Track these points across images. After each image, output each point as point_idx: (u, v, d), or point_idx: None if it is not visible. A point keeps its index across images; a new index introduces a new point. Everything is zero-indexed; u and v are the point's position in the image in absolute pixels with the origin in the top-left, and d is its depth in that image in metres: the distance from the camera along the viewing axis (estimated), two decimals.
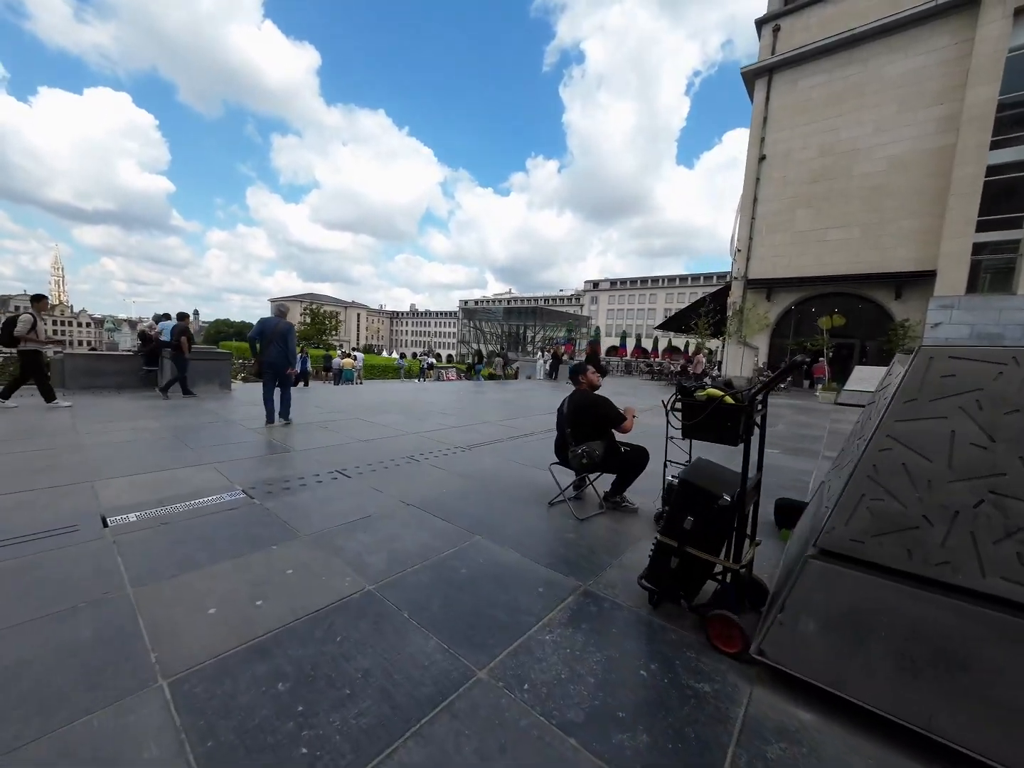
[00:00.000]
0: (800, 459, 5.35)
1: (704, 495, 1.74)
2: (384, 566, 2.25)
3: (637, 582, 2.03)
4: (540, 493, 3.57)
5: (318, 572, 2.17)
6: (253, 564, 2.21)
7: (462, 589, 2.08)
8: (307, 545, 2.45)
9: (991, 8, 14.20)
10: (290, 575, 2.13)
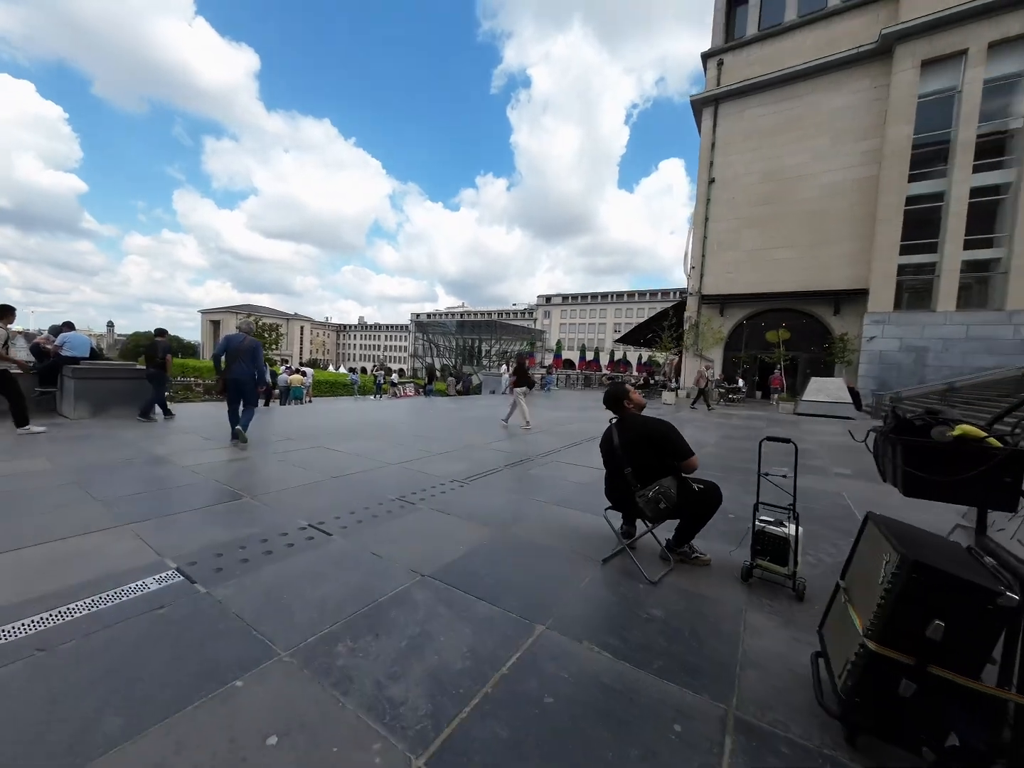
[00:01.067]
0: (830, 479, 5.06)
1: (970, 589, 1.15)
2: (428, 706, 1.44)
3: (817, 702, 1.40)
4: (582, 542, 2.87)
5: (320, 737, 1.32)
6: (202, 731, 1.31)
7: (562, 740, 1.32)
8: (291, 674, 1.57)
9: (902, 59, 15.90)
10: (273, 749, 1.26)
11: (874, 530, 1.49)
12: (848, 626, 1.41)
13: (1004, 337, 14.46)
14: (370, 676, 1.56)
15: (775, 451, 3.50)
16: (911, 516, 1.97)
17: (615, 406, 2.74)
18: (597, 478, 4.61)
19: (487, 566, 2.47)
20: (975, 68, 14.82)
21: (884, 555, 1.34)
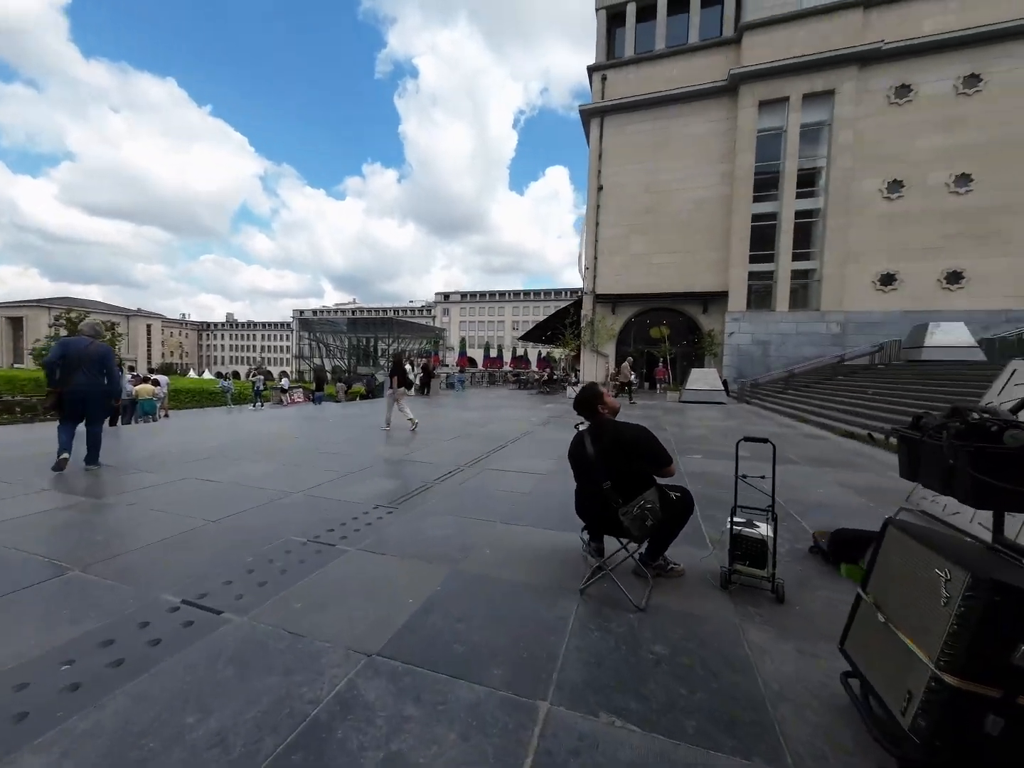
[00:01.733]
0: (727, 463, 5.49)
1: None
2: None
3: (873, 739, 1.25)
4: (548, 568, 2.54)
5: None
6: None
7: None
8: None
9: (745, 96, 18.76)
10: None
11: (908, 540, 1.40)
12: (900, 652, 1.28)
13: (820, 332, 18.09)
14: None
15: (719, 439, 3.59)
16: (812, 496, 2.10)
17: (588, 411, 2.45)
18: (538, 485, 4.34)
19: (451, 624, 1.98)
20: (795, 113, 18.18)
21: (938, 571, 1.23)
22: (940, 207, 16.80)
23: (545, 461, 5.38)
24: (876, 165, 17.38)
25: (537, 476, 4.69)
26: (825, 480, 4.76)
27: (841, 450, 6.67)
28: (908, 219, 17.11)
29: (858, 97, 17.38)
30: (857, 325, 17.52)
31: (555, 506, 3.66)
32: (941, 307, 16.58)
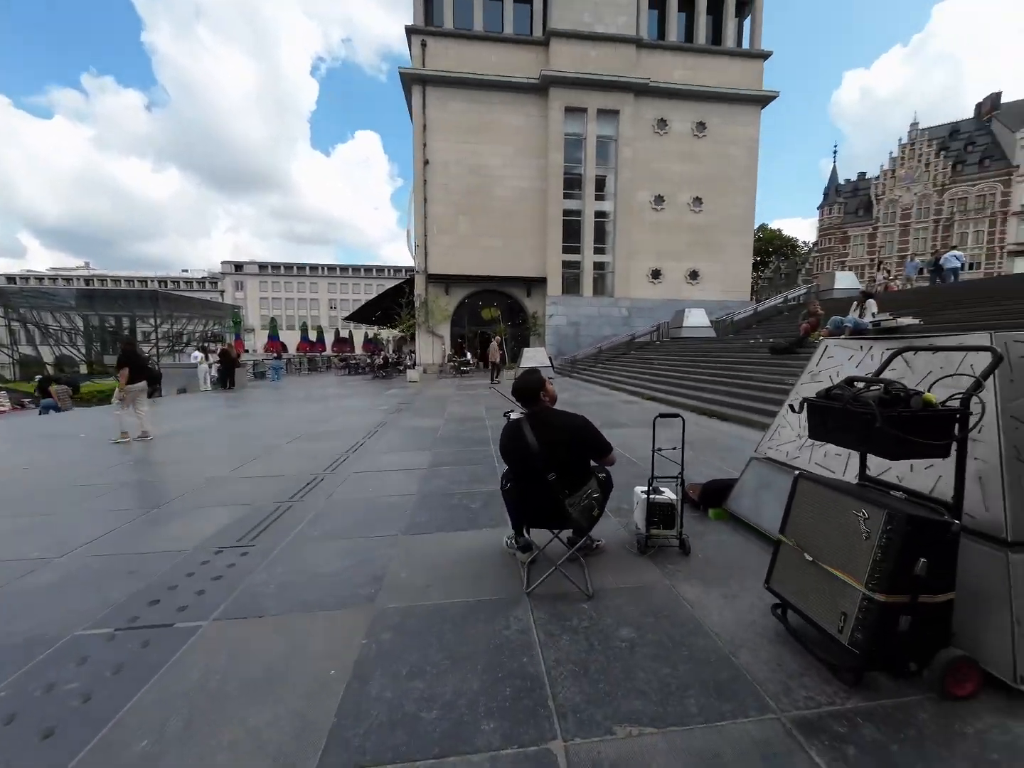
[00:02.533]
0: None
1: (936, 526, 1.42)
2: None
3: (816, 658, 1.51)
4: (480, 577, 2.30)
5: None
6: None
7: None
8: None
9: (554, 99, 20.68)
10: None
11: (820, 489, 1.71)
12: (831, 583, 1.57)
13: (615, 315, 21.99)
14: None
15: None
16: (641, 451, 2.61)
17: (532, 399, 2.25)
18: (424, 482, 3.96)
19: (404, 688, 1.56)
20: (592, 124, 21.04)
21: (855, 512, 1.54)
22: (685, 221, 22.23)
23: (420, 454, 4.97)
24: (647, 181, 21.72)
25: (419, 472, 4.28)
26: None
27: (652, 412, 8.25)
28: (667, 228, 22.09)
29: (634, 121, 21.22)
30: (639, 310, 21.94)
31: (455, 503, 3.40)
32: (686, 297, 22.17)
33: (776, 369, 8.30)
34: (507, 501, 2.47)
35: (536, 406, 2.28)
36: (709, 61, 21.60)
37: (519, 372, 15.26)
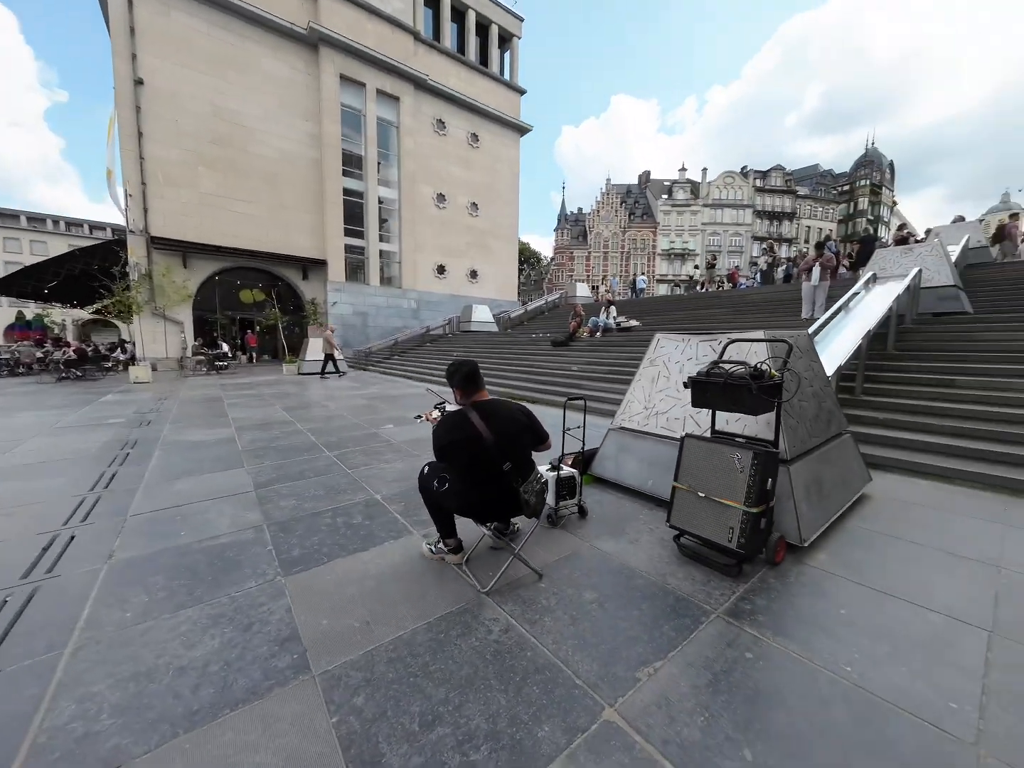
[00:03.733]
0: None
1: (775, 457, 2.16)
2: None
3: (716, 562, 2.11)
4: (417, 593, 2.06)
5: None
6: None
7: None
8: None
9: (326, 61, 18.54)
10: None
11: (703, 444, 2.33)
12: (719, 509, 2.19)
13: (404, 306, 21.79)
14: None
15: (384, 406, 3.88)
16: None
17: (474, 386, 2.10)
18: (262, 508, 3.09)
19: (445, 739, 1.30)
20: (372, 103, 19.90)
21: (730, 456, 2.19)
22: (464, 222, 23.93)
23: (231, 475, 3.81)
24: (430, 176, 22.22)
25: (248, 496, 3.30)
26: None
27: None
28: (450, 226, 23.26)
29: (415, 114, 21.26)
30: (427, 303, 22.42)
31: (329, 522, 2.84)
32: (468, 294, 24.06)
33: (558, 358, 10.12)
34: (437, 502, 2.27)
35: (480, 396, 2.18)
36: (480, 80, 23.66)
37: (303, 365, 13.36)
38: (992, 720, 1.37)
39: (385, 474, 3.88)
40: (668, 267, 56.44)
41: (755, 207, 55.34)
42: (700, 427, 2.86)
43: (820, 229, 56.59)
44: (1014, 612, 1.89)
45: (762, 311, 10.42)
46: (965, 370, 4.87)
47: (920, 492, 3.32)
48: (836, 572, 2.22)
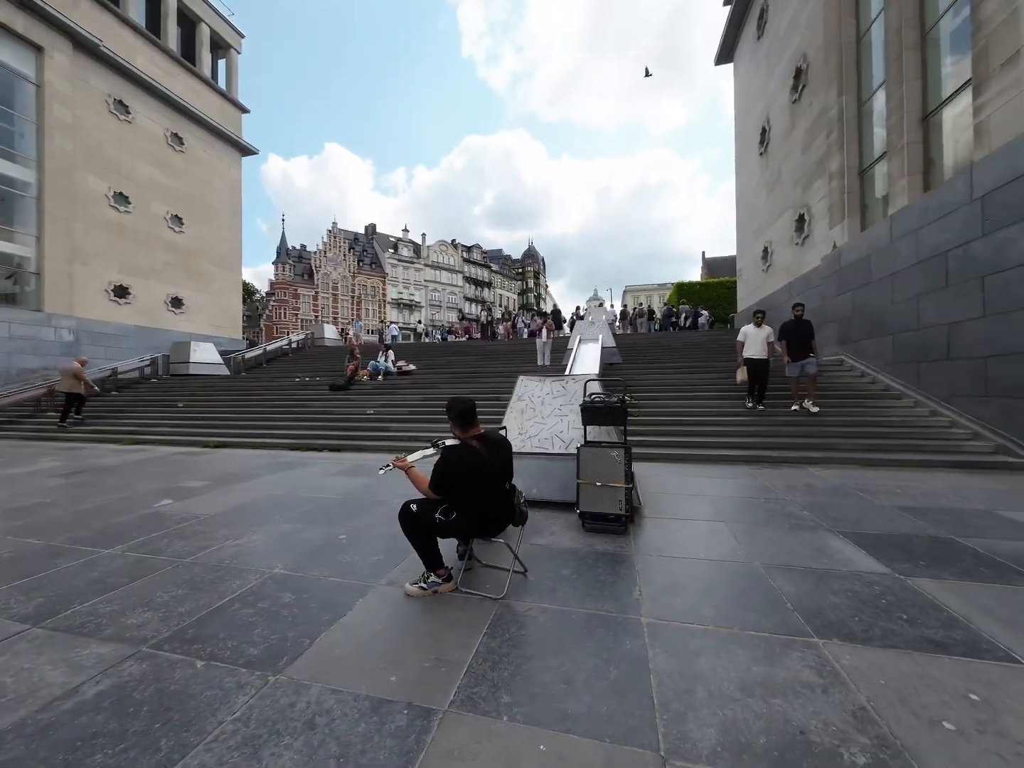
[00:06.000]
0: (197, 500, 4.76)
1: (630, 451, 3.48)
2: None
3: (607, 528, 3.23)
4: (446, 628, 2.20)
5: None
6: None
7: None
8: None
9: None
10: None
11: (593, 450, 3.44)
12: (610, 492, 3.32)
13: (49, 339, 14.67)
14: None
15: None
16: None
17: (473, 422, 2.42)
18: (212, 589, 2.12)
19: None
20: None
21: (612, 454, 3.39)
22: (163, 236, 18.66)
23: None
24: (102, 168, 16.39)
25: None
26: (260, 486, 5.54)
27: (256, 462, 7.12)
28: (137, 237, 17.59)
29: (75, 81, 15.51)
30: (96, 335, 15.82)
31: (251, 612, 2.33)
32: (169, 327, 18.60)
33: (344, 403, 9.67)
34: (436, 534, 2.41)
35: (477, 430, 2.52)
36: (185, 76, 19.67)
37: None
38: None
39: (253, 548, 3.15)
40: (398, 315, 60.18)
41: (464, 273, 67.26)
42: (564, 443, 4.01)
43: (509, 297, 74.28)
44: (715, 507, 3.85)
45: (507, 359, 13.32)
46: (640, 396, 8.24)
47: (652, 468, 5.60)
48: (651, 515, 3.74)
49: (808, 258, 10.85)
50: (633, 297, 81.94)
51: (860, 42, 8.88)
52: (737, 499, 4.41)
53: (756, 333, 7.10)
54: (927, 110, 7.12)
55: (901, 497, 4.26)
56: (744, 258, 16.35)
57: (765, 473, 5.33)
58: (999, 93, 5.46)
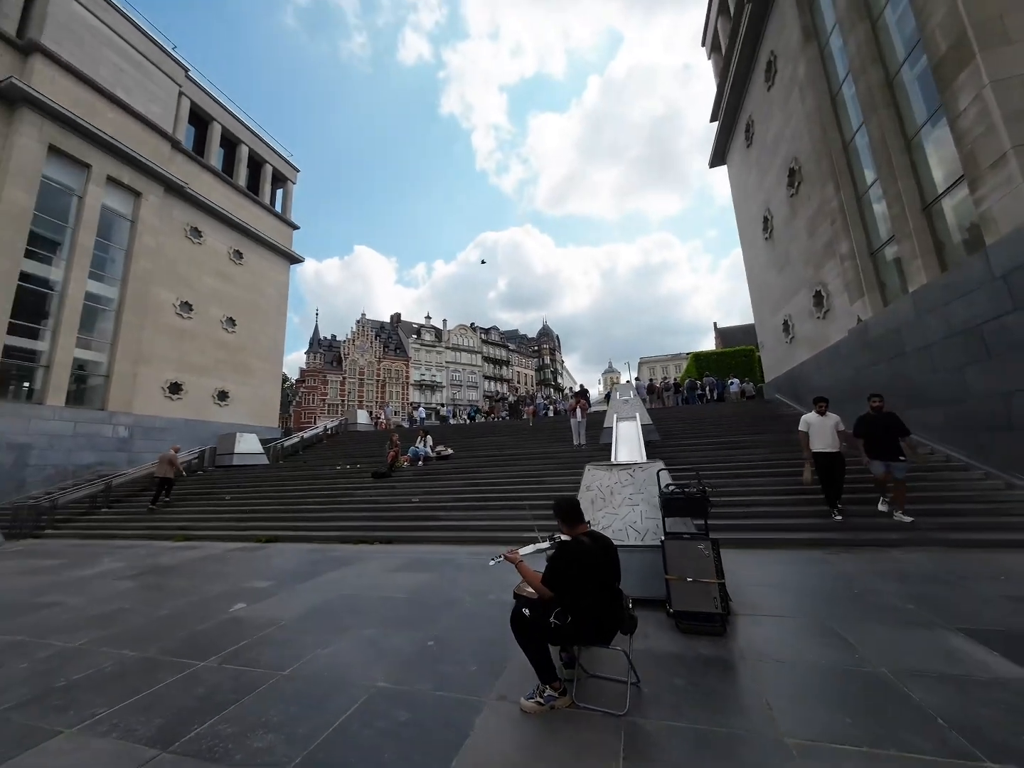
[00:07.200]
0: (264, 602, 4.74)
1: (716, 543, 3.46)
2: None
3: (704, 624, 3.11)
4: (579, 750, 2.12)
5: None
6: None
7: None
8: None
9: (29, 125, 14.59)
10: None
11: (679, 543, 3.43)
12: (702, 587, 3.25)
13: (106, 435, 15.58)
14: None
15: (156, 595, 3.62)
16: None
17: (580, 518, 2.53)
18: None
19: None
20: (98, 188, 16.14)
21: (699, 547, 3.37)
22: (216, 337, 20.47)
23: (67, 742, 2.22)
24: (172, 281, 18.64)
25: None
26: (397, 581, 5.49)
27: (312, 557, 7.11)
28: (195, 339, 19.36)
29: (162, 215, 18.34)
30: (147, 430, 16.78)
31: (369, 733, 2.29)
32: (213, 419, 19.60)
33: (388, 491, 9.75)
34: (550, 640, 2.40)
35: (585, 525, 2.62)
36: (249, 205, 23.04)
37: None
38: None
39: (346, 660, 3.12)
40: (420, 395, 61.85)
41: (483, 353, 70.03)
42: (639, 534, 4.00)
43: (526, 373, 76.17)
44: (805, 600, 3.65)
45: (537, 439, 13.42)
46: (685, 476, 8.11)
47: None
48: (741, 611, 3.57)
49: (831, 331, 11.18)
50: (649, 368, 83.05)
51: (848, 147, 10.07)
52: (825, 590, 4.17)
53: (822, 423, 6.08)
54: (926, 202, 7.82)
55: (1006, 584, 3.97)
56: (764, 330, 16.84)
57: (843, 558, 5.06)
58: (994, 188, 6.06)
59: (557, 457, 10.57)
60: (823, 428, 6.06)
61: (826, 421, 6.10)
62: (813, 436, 6.09)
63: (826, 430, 6.03)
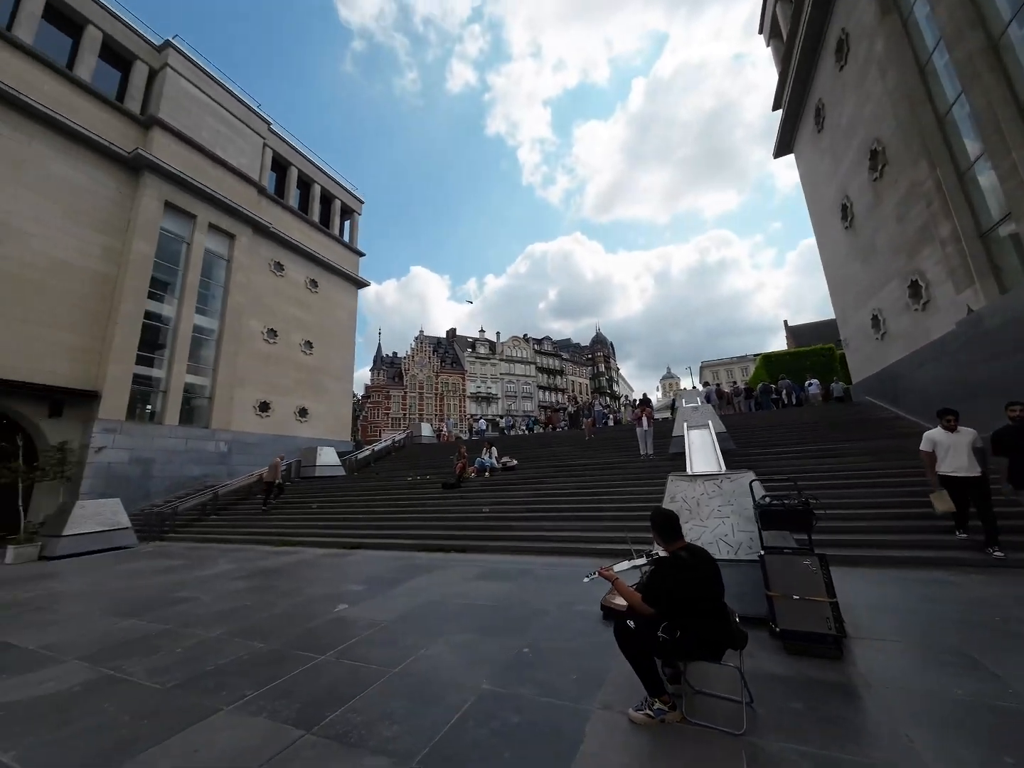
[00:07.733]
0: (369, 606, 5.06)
1: (825, 558, 3.25)
2: None
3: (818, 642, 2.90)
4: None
5: None
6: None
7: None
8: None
9: (150, 186, 17.06)
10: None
11: (781, 558, 3.26)
12: (812, 605, 3.05)
13: (209, 450, 17.58)
14: None
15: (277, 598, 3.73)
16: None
17: (679, 532, 2.52)
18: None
19: None
20: (201, 234, 18.54)
21: (806, 563, 3.18)
22: (296, 359, 22.46)
23: (231, 720, 2.56)
24: (260, 311, 20.80)
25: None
26: (466, 589, 5.71)
27: (395, 560, 7.56)
28: (279, 362, 21.39)
29: (251, 253, 20.64)
30: (242, 444, 18.71)
31: (485, 733, 2.39)
32: (296, 434, 21.41)
33: (458, 501, 10.08)
34: (657, 654, 2.40)
35: (683, 540, 2.61)
36: (321, 237, 25.24)
37: (52, 545, 9.13)
38: None
39: (449, 661, 3.29)
40: (476, 407, 63.17)
41: (536, 364, 70.26)
42: (731, 547, 3.84)
43: (580, 383, 75.22)
44: (930, 624, 3.29)
45: (601, 448, 13.20)
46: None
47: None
48: (855, 634, 3.29)
49: (932, 324, 10.00)
50: (712, 372, 78.71)
51: (943, 121, 9.09)
52: (956, 615, 3.72)
53: (954, 441, 5.07)
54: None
55: None
56: (848, 327, 15.40)
57: (974, 580, 4.49)
58: None
59: (624, 468, 10.35)
60: (956, 447, 5.03)
61: (960, 438, 5.06)
62: (943, 456, 5.10)
63: (960, 449, 5.00)
